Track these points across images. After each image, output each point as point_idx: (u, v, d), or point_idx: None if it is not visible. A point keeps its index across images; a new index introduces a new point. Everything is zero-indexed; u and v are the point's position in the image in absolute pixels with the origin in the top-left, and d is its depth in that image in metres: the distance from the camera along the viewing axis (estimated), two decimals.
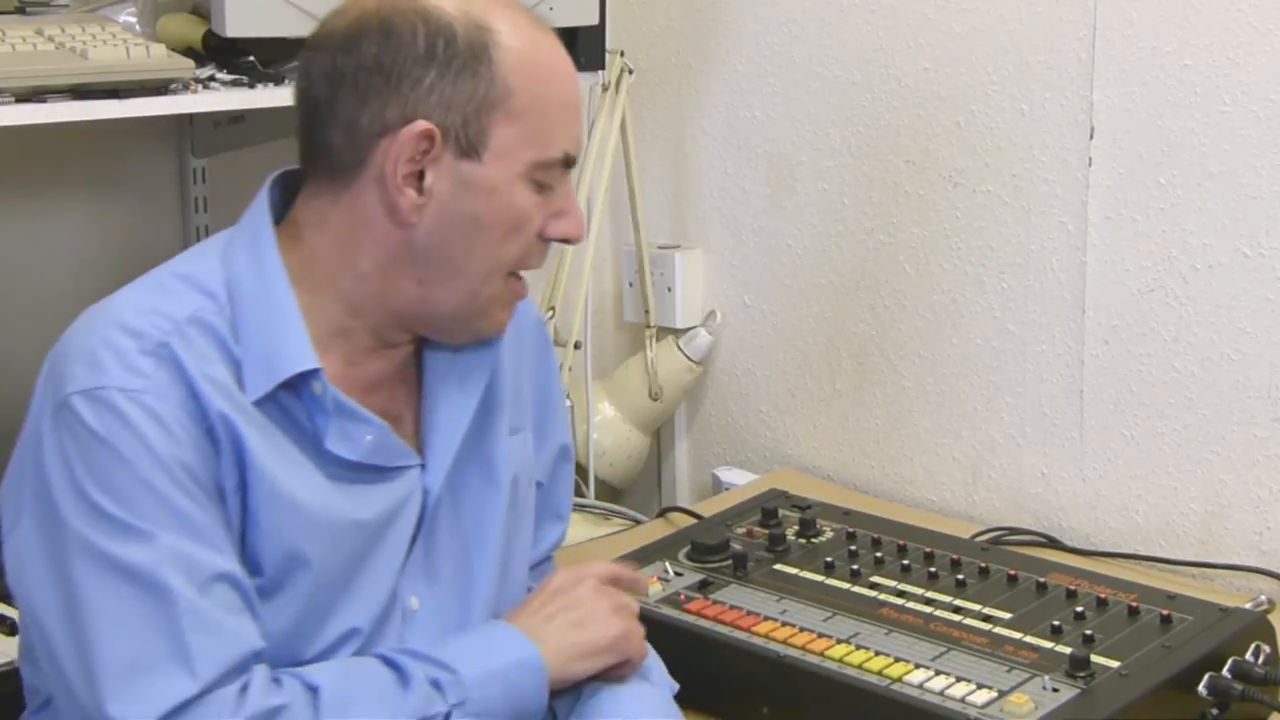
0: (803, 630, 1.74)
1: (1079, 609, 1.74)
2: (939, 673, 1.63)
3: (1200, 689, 1.61)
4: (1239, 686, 1.61)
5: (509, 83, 1.41)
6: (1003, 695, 1.58)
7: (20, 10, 1.98)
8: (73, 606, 1.34)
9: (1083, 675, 1.60)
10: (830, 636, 1.72)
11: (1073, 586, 1.80)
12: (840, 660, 1.67)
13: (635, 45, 2.56)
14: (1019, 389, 2.25)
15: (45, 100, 1.80)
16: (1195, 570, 2.08)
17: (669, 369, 2.61)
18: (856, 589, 1.84)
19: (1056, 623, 1.70)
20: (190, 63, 1.90)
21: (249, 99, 1.98)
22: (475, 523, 1.55)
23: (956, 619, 1.75)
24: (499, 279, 1.47)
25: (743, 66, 2.51)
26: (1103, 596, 1.77)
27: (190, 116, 2.30)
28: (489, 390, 1.56)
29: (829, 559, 1.90)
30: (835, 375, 2.47)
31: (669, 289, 2.61)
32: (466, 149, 1.42)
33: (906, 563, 1.88)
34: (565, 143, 1.46)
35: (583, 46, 2.20)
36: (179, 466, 1.36)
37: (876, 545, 1.95)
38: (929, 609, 1.78)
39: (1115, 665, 1.62)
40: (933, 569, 1.87)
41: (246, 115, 2.22)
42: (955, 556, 1.89)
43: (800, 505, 2.09)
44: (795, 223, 2.48)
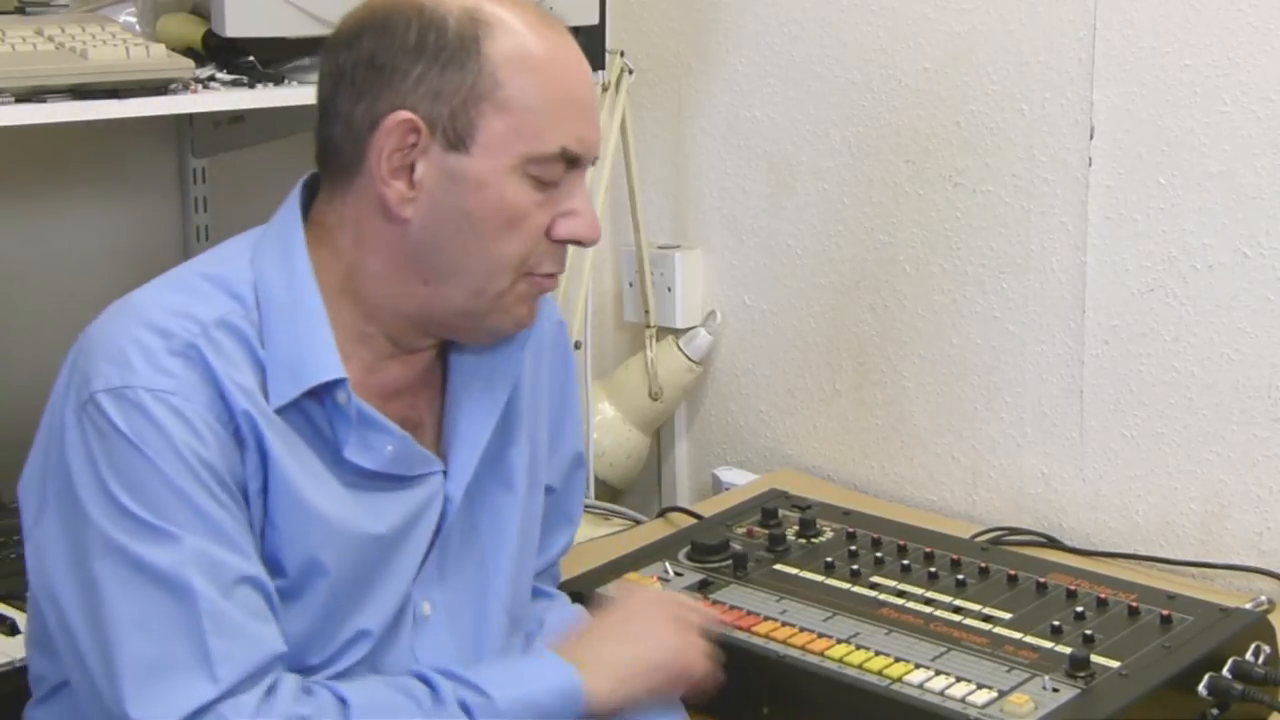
0: (803, 630, 1.73)
1: (1079, 609, 1.74)
2: (939, 673, 1.62)
3: (1200, 689, 1.61)
4: (1239, 686, 1.61)
5: (498, 75, 1.40)
6: (1003, 695, 1.57)
7: (20, 10, 1.98)
8: (95, 605, 1.33)
9: (1083, 675, 1.60)
10: (830, 636, 1.71)
11: (1073, 586, 1.80)
12: (840, 660, 1.67)
13: (635, 45, 2.56)
14: (1019, 389, 2.25)
15: (45, 100, 1.80)
16: (1195, 570, 2.08)
17: (669, 369, 2.61)
18: (856, 589, 1.84)
19: (1056, 623, 1.70)
20: (190, 63, 1.90)
21: (249, 99, 1.98)
22: (492, 529, 1.55)
23: (956, 619, 1.75)
24: (505, 277, 1.43)
25: (743, 66, 2.51)
26: (1103, 596, 1.77)
27: (190, 116, 2.30)
28: (510, 394, 1.54)
29: (829, 559, 1.90)
30: (835, 375, 2.47)
31: (669, 289, 2.61)
32: (454, 141, 1.40)
33: (906, 563, 1.88)
34: (563, 137, 1.42)
35: (583, 46, 2.19)
36: (205, 468, 1.35)
37: (876, 545, 1.95)
38: (929, 609, 1.77)
39: (1115, 665, 1.62)
40: (933, 569, 1.87)
41: (246, 115, 2.22)
42: (955, 556, 1.89)
43: (800, 505, 2.09)
44: (795, 223, 2.48)
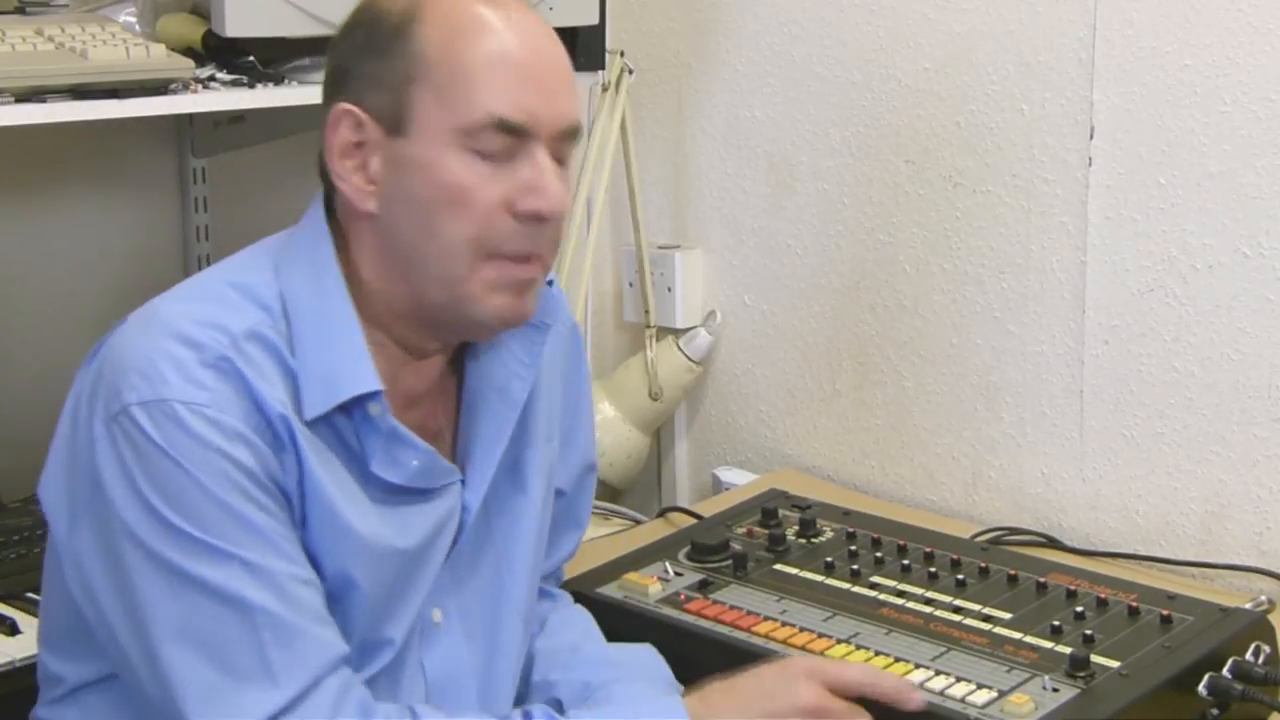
0: (803, 630, 1.73)
1: (1079, 609, 1.74)
2: (939, 673, 1.62)
3: (1200, 689, 1.61)
4: (1239, 686, 1.60)
5: (426, 53, 1.38)
6: (1003, 695, 1.57)
7: (20, 10, 1.98)
8: (144, 622, 1.32)
9: (1083, 675, 1.60)
10: (830, 636, 1.71)
11: (1073, 586, 1.80)
12: (840, 660, 1.67)
13: (635, 45, 2.56)
14: (1019, 389, 2.25)
15: (45, 100, 1.80)
16: (1195, 570, 2.08)
17: (669, 369, 2.61)
18: (856, 589, 1.84)
19: (1056, 623, 1.70)
20: (190, 63, 1.90)
21: (249, 99, 1.98)
22: (506, 534, 1.54)
23: (956, 619, 1.75)
24: (462, 260, 1.39)
25: (743, 66, 2.51)
26: (1103, 596, 1.77)
27: (190, 116, 2.30)
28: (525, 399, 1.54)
29: (829, 559, 1.90)
30: (835, 375, 2.47)
31: (669, 289, 2.61)
32: (393, 127, 1.39)
33: (906, 563, 1.88)
34: (491, 103, 1.36)
35: (583, 46, 2.21)
36: (245, 475, 1.33)
37: (876, 545, 1.95)
38: (929, 609, 1.77)
39: (1115, 665, 1.62)
40: (933, 569, 1.87)
41: (246, 115, 2.23)
42: (955, 556, 1.89)
43: (800, 505, 2.09)
44: (795, 223, 2.48)
